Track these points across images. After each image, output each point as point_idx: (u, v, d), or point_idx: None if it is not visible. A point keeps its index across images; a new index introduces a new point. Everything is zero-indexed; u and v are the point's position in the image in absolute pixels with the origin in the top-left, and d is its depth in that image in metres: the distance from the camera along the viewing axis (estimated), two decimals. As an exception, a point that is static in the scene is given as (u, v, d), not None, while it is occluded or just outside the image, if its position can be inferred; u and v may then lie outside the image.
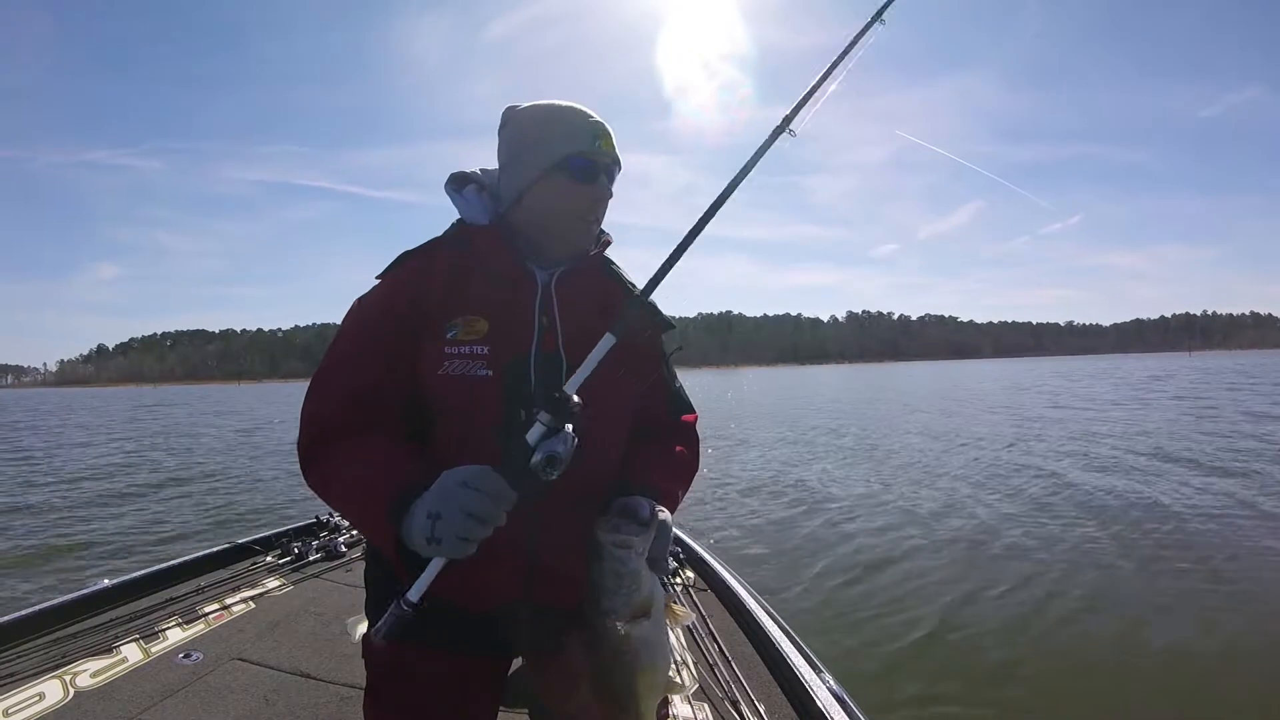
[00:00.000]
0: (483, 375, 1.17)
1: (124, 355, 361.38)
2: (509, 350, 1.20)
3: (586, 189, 1.25)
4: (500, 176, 1.31)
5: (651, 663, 1.12)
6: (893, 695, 3.98)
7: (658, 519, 1.13)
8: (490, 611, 1.27)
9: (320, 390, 1.20)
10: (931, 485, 10.42)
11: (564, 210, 1.25)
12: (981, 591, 5.64)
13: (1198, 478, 9.91)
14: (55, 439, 21.75)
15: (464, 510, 0.97)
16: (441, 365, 1.17)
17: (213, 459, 15.45)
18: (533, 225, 1.27)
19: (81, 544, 7.24)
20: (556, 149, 1.24)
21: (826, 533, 7.65)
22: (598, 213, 1.28)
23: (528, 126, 1.28)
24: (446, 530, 0.97)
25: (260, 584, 3.34)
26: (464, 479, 1.00)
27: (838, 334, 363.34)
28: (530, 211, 1.27)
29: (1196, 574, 5.86)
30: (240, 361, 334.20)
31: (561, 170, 1.24)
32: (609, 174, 1.28)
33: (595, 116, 1.28)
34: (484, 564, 1.13)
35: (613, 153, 1.28)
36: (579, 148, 1.24)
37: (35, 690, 2.27)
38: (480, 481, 0.99)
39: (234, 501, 9.85)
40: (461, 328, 1.18)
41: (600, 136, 1.26)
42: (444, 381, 1.16)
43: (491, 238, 1.27)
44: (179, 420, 31.31)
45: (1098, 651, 4.55)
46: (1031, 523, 7.88)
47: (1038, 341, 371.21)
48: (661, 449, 1.34)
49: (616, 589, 1.09)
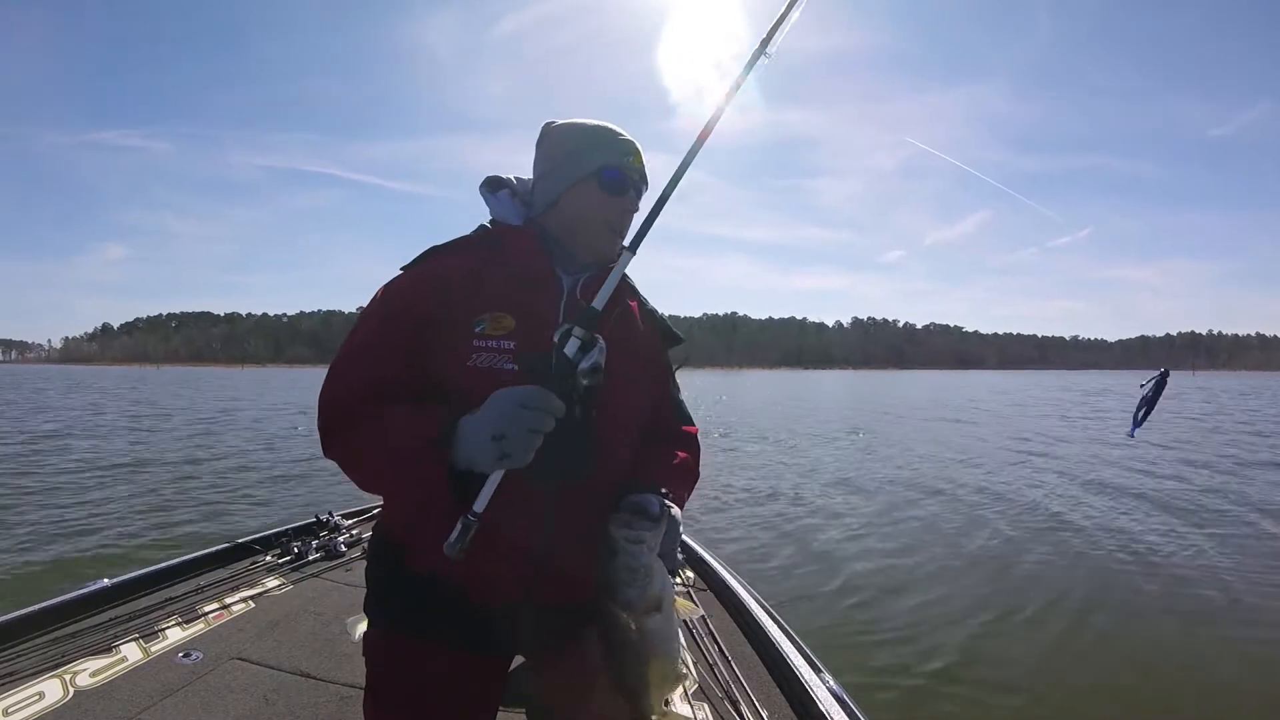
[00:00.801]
0: (509, 369, 1.20)
1: (129, 335, 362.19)
2: (534, 347, 1.22)
3: (616, 200, 1.31)
4: (535, 185, 1.38)
5: (664, 654, 1.17)
6: (893, 695, 4.00)
7: (668, 514, 1.18)
8: (495, 606, 1.28)
9: (339, 378, 1.24)
10: (931, 490, 10.42)
11: (593, 218, 1.31)
12: (983, 591, 5.68)
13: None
14: (64, 423, 21.69)
15: (528, 428, 1.06)
16: (470, 357, 1.20)
17: (221, 450, 15.47)
18: (563, 230, 1.33)
19: (81, 543, 7.23)
20: (592, 160, 1.30)
21: (826, 535, 7.62)
22: (624, 224, 1.33)
23: (566, 139, 1.34)
24: (516, 447, 1.06)
25: (260, 583, 3.33)
26: (521, 400, 1.07)
27: (842, 339, 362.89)
28: (562, 216, 1.33)
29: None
30: (245, 345, 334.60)
31: (595, 180, 1.30)
32: (637, 190, 1.34)
33: (627, 135, 1.35)
34: (493, 553, 1.19)
35: (642, 170, 1.35)
36: (612, 161, 1.31)
37: (35, 689, 2.27)
38: (537, 400, 1.07)
39: (233, 501, 9.85)
40: (489, 323, 1.22)
41: (631, 154, 1.33)
42: (472, 373, 1.19)
43: (525, 237, 1.33)
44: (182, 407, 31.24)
45: (1098, 652, 4.58)
46: (1036, 528, 7.93)
47: (1042, 354, 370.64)
48: (667, 452, 1.37)
49: (630, 583, 1.12)
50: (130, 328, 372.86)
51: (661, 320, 1.46)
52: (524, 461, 1.08)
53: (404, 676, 1.32)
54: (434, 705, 1.31)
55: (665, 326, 1.46)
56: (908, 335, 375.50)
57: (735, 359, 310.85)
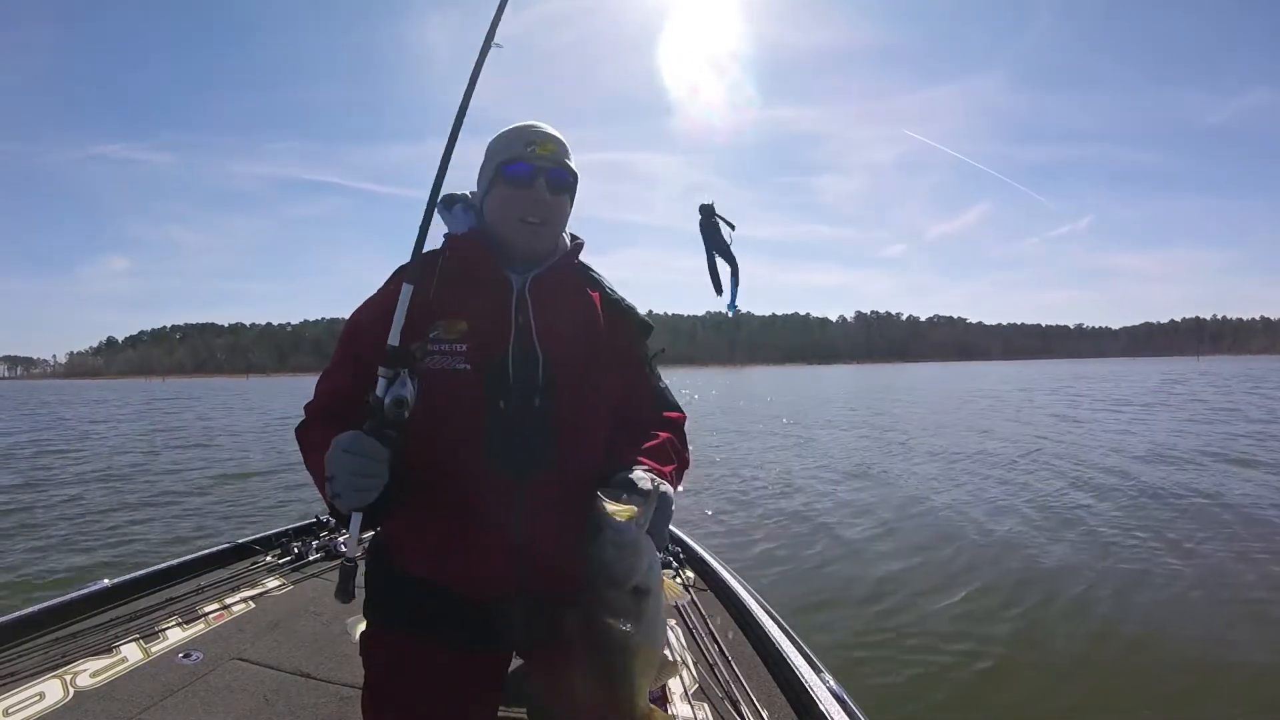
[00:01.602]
0: (461, 369, 1.29)
1: (133, 348, 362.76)
2: (488, 347, 1.31)
3: (524, 192, 1.35)
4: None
5: (649, 637, 1.12)
6: (893, 695, 3.99)
7: (659, 490, 1.17)
8: (485, 601, 1.30)
9: (316, 389, 1.40)
10: (934, 483, 10.40)
11: (507, 215, 1.37)
12: (983, 591, 5.64)
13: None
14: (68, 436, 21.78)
15: (348, 471, 1.12)
16: (424, 361, 1.27)
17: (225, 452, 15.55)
18: (494, 233, 1.40)
19: (81, 544, 7.28)
20: (496, 160, 1.38)
21: (825, 534, 7.62)
22: (539, 214, 1.36)
23: (488, 149, 1.42)
24: (342, 487, 1.13)
25: (260, 584, 3.33)
26: (344, 445, 1.13)
27: (846, 334, 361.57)
28: (489, 222, 1.41)
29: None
30: (249, 355, 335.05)
31: (500, 178, 1.37)
32: (549, 177, 1.36)
33: (541, 127, 1.39)
34: (471, 547, 1.28)
35: (554, 156, 1.37)
36: (513, 154, 1.36)
37: (35, 690, 2.27)
38: (352, 444, 1.13)
39: (235, 500, 9.90)
40: (443, 328, 1.30)
41: (535, 142, 1.36)
42: (425, 375, 1.26)
43: (471, 246, 1.39)
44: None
45: (1097, 652, 4.55)
46: (1036, 520, 7.90)
47: (1046, 344, 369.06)
48: (649, 436, 1.39)
49: (616, 560, 1.08)
50: (135, 340, 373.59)
51: (630, 310, 1.49)
52: (356, 502, 1.15)
53: (402, 676, 1.35)
54: (433, 704, 1.33)
55: (635, 317, 1.49)
56: (911, 328, 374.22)
57: (739, 356, 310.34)
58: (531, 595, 1.31)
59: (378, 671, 1.38)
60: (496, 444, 1.28)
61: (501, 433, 1.29)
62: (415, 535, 1.36)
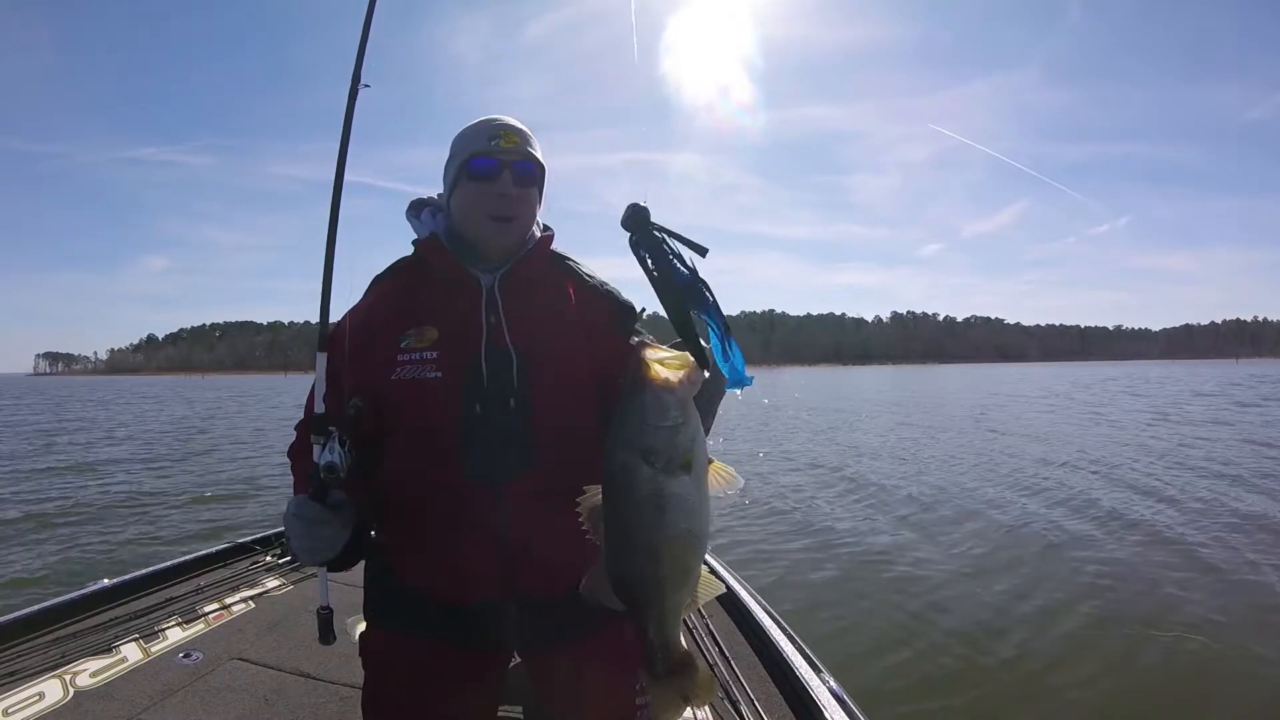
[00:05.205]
0: (432, 377, 1.27)
1: (173, 345, 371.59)
2: (460, 352, 1.29)
3: (488, 185, 1.31)
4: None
5: (688, 530, 0.88)
6: (893, 695, 3.95)
7: (712, 359, 1.14)
8: (475, 604, 1.30)
9: (306, 405, 1.38)
10: (937, 477, 10.34)
11: (474, 212, 1.33)
12: (983, 591, 5.57)
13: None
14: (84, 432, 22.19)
15: (296, 534, 1.18)
16: (394, 371, 1.28)
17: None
18: (462, 232, 1.36)
19: (81, 544, 7.40)
20: (460, 157, 1.33)
21: (827, 535, 7.54)
22: (504, 208, 1.32)
23: (452, 147, 1.37)
24: (296, 547, 1.20)
25: (260, 584, 3.35)
26: (292, 510, 1.18)
27: (882, 335, 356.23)
28: (455, 220, 1.37)
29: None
30: (288, 353, 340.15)
31: (464, 174, 1.32)
32: (515, 170, 1.32)
33: (506, 120, 1.34)
34: (458, 555, 1.28)
35: (518, 148, 1.32)
36: (476, 149, 1.31)
37: (35, 690, 2.30)
38: (298, 509, 1.17)
39: (234, 500, 10.04)
40: (413, 337, 1.30)
41: (498, 136, 1.31)
42: (395, 386, 1.27)
43: (433, 249, 1.36)
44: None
45: (1100, 653, 4.47)
46: (1043, 520, 7.81)
47: (1084, 345, 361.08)
48: None
49: (660, 420, 0.84)
50: (174, 338, 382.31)
51: (610, 293, 1.44)
52: (313, 560, 1.21)
53: (401, 676, 1.35)
54: (431, 704, 1.33)
55: (614, 299, 1.44)
56: (948, 329, 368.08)
57: (773, 356, 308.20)
58: (524, 597, 1.30)
59: (377, 671, 1.38)
60: (475, 449, 1.26)
61: (479, 438, 1.26)
62: (403, 547, 1.35)
